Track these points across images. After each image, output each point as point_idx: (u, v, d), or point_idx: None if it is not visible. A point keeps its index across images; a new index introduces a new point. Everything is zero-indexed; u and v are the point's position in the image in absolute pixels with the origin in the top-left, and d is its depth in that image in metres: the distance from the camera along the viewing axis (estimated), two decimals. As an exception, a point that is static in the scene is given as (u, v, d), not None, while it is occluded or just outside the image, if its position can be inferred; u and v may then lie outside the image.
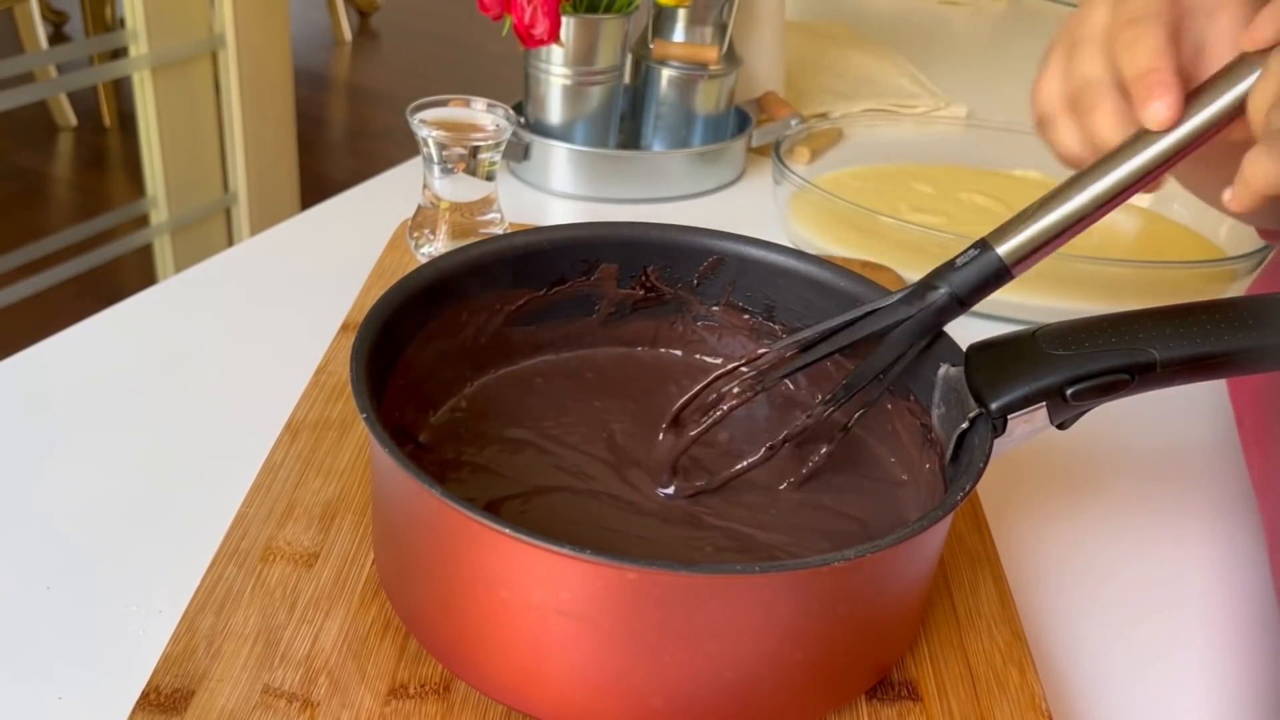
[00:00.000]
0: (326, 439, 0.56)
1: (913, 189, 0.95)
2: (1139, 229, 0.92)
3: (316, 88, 3.37)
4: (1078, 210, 0.45)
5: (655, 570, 0.38)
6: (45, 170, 2.68)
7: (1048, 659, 0.51)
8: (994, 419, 0.44)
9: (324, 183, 2.46)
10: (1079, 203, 0.45)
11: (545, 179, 0.93)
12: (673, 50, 0.92)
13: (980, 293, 0.47)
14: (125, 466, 0.57)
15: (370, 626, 0.46)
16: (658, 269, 0.57)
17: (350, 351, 0.45)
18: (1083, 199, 0.45)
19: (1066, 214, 0.46)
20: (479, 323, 0.54)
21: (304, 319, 0.69)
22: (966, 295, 0.47)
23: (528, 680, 0.41)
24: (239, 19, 1.78)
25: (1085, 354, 0.44)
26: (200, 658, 0.43)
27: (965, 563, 0.53)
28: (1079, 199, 0.45)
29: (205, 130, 1.87)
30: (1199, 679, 0.52)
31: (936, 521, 0.40)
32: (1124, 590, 0.56)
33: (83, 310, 0.70)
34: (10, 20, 2.61)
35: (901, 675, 0.46)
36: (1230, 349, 0.44)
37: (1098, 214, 0.46)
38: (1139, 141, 0.45)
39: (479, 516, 0.37)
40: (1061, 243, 0.46)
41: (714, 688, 0.40)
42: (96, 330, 0.68)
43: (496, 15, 0.85)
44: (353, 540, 0.50)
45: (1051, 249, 0.46)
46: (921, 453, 0.51)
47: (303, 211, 0.86)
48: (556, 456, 0.51)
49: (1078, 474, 0.64)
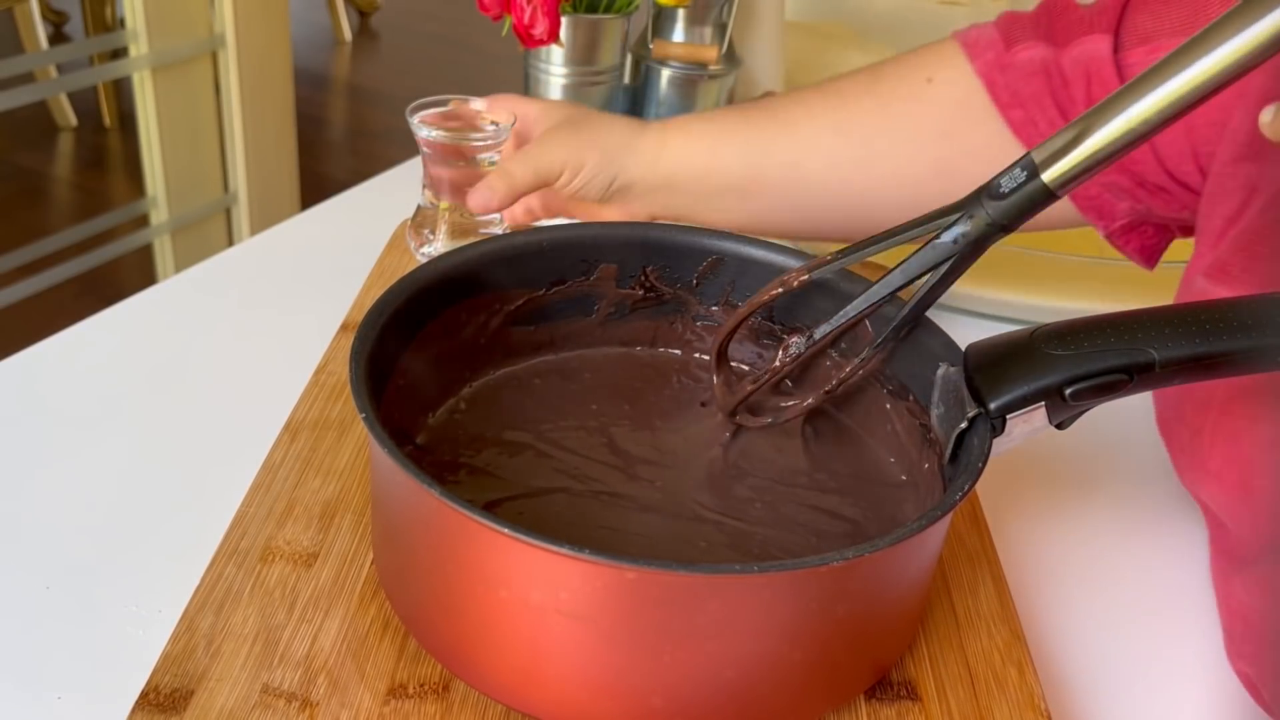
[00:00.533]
0: (326, 439, 0.56)
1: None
2: (1139, 229, 0.92)
3: (316, 88, 3.37)
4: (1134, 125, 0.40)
5: (655, 570, 0.38)
6: (45, 170, 2.68)
7: (1047, 659, 0.51)
8: (993, 419, 0.44)
9: (324, 183, 2.46)
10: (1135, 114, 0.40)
11: (545, 179, 0.92)
12: (673, 50, 0.92)
13: (1024, 218, 0.44)
14: (125, 466, 0.57)
15: (369, 626, 0.46)
16: (657, 269, 0.57)
17: (350, 351, 0.45)
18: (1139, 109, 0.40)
19: (1120, 129, 0.40)
20: (478, 323, 0.54)
21: (304, 319, 0.69)
22: (1010, 222, 0.44)
23: (527, 680, 0.41)
24: (239, 19, 1.78)
25: (1084, 354, 0.44)
26: (200, 657, 0.43)
27: (965, 562, 0.53)
28: (1138, 106, 0.40)
29: (205, 130, 1.87)
30: (1198, 679, 0.52)
31: (935, 521, 0.40)
32: (1124, 590, 0.56)
33: (83, 310, 0.70)
34: (10, 20, 2.61)
35: (900, 675, 0.46)
36: (1230, 349, 0.44)
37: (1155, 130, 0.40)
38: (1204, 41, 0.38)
39: (479, 516, 0.37)
40: (1115, 160, 0.41)
41: (713, 687, 0.40)
42: (96, 330, 0.68)
43: (496, 15, 0.85)
44: (352, 540, 0.50)
45: (1104, 168, 0.42)
46: (921, 453, 0.51)
47: (303, 211, 0.86)
48: (554, 459, 0.51)
49: (1078, 474, 0.64)
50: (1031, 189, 0.43)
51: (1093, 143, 0.41)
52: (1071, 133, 0.42)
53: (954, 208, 0.45)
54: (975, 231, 0.45)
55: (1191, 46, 0.39)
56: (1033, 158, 0.43)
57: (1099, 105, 0.41)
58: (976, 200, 0.45)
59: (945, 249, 0.46)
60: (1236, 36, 0.37)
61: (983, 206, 0.44)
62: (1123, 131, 0.40)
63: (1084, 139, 0.41)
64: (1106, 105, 0.41)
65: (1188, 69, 0.39)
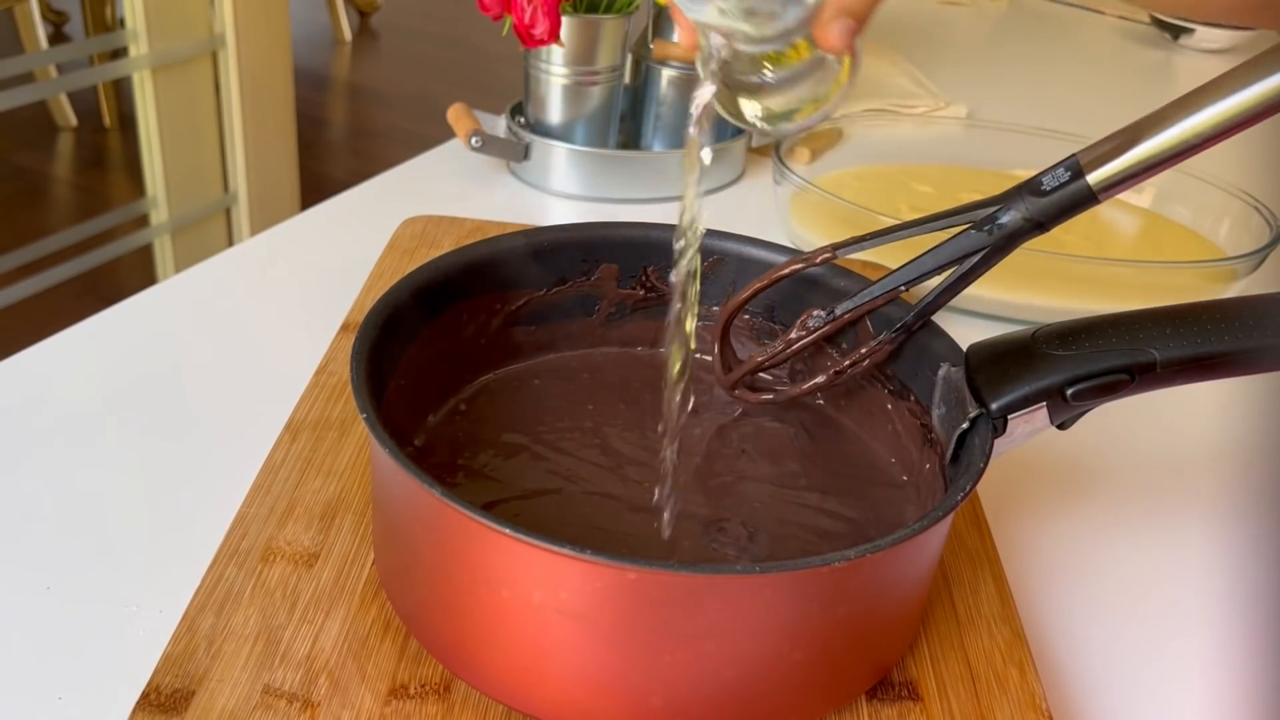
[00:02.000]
0: (326, 439, 0.56)
1: (913, 189, 0.95)
2: (1139, 229, 0.92)
3: (316, 88, 3.37)
4: (1186, 137, 0.41)
5: (655, 570, 0.38)
6: (45, 170, 2.68)
7: (1048, 659, 0.51)
8: (994, 419, 0.44)
9: (324, 183, 2.46)
10: (1189, 127, 0.41)
11: (545, 179, 0.93)
12: (673, 50, 0.92)
13: (1063, 218, 0.45)
14: (125, 466, 0.57)
15: (370, 626, 0.46)
16: (658, 269, 0.57)
17: (350, 351, 0.45)
18: (1193, 123, 0.40)
19: (1172, 140, 0.41)
20: (479, 323, 0.54)
21: (304, 319, 0.69)
22: (1048, 220, 0.45)
23: (528, 680, 0.41)
24: (239, 19, 1.78)
25: (1085, 354, 0.44)
26: (200, 658, 0.43)
27: (965, 562, 0.53)
28: (1188, 123, 0.41)
29: (205, 130, 1.87)
30: (1199, 679, 0.52)
31: (937, 521, 0.40)
32: (1124, 590, 0.56)
33: (83, 310, 0.70)
34: (10, 20, 2.61)
35: (901, 675, 0.46)
36: (1230, 349, 0.44)
37: (1207, 144, 0.41)
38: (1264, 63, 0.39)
39: (479, 516, 0.37)
40: (1161, 170, 0.42)
41: (714, 688, 0.40)
42: (96, 330, 0.68)
43: (496, 15, 0.85)
44: (353, 540, 0.50)
45: (1148, 177, 0.43)
46: (921, 453, 0.51)
47: (303, 211, 0.86)
48: (551, 461, 0.51)
49: (1078, 474, 0.64)
50: (1075, 189, 0.43)
51: (1142, 150, 0.42)
52: (1121, 138, 0.42)
53: (994, 200, 0.46)
54: (1012, 225, 0.45)
55: (1253, 66, 0.39)
56: (1078, 159, 0.43)
57: (1154, 113, 0.42)
58: (1018, 195, 0.45)
59: (980, 239, 0.46)
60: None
61: (1024, 201, 0.45)
62: (1176, 143, 0.41)
63: (1133, 145, 0.42)
64: (1161, 115, 0.41)
65: (1247, 88, 0.39)
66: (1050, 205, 0.44)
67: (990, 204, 0.46)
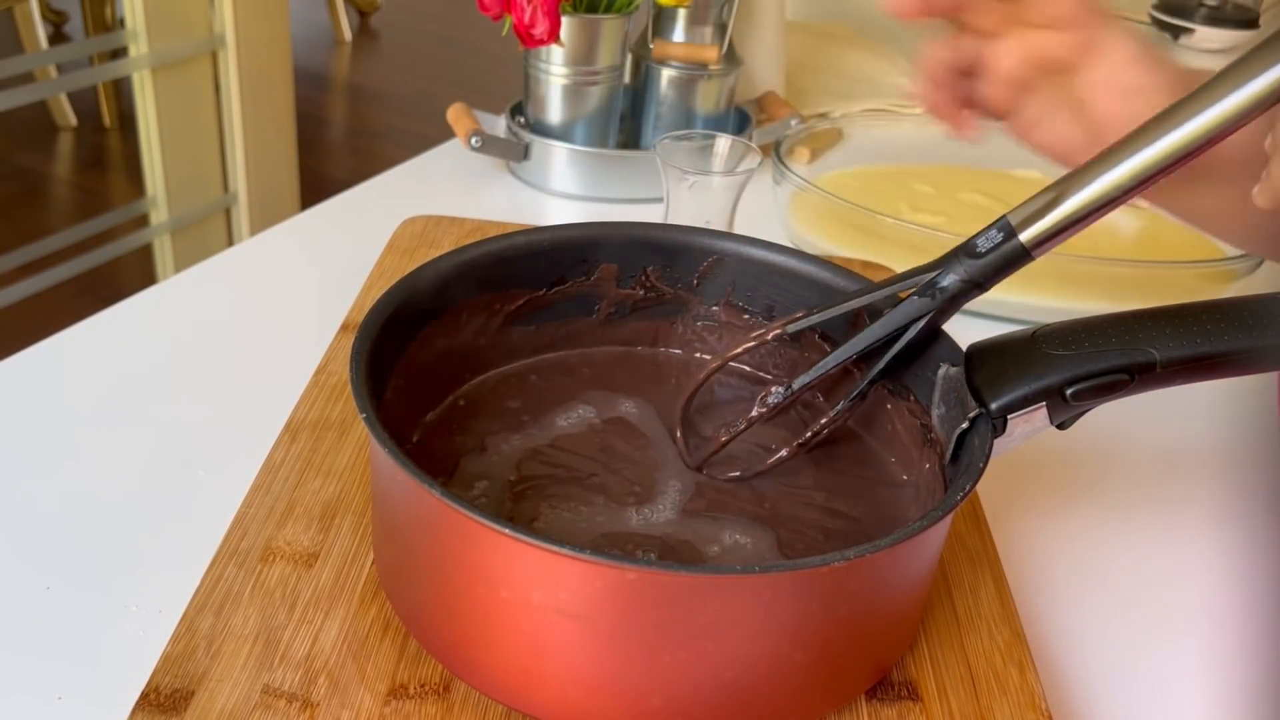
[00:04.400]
0: (326, 439, 0.56)
1: (913, 189, 0.95)
2: (1139, 229, 0.92)
3: (316, 88, 3.37)
4: (1107, 190, 0.43)
5: (655, 570, 0.38)
6: (45, 170, 2.68)
7: (1048, 659, 0.51)
8: (994, 419, 0.44)
9: (324, 183, 2.45)
10: (1109, 181, 0.43)
11: (545, 179, 0.93)
12: (673, 50, 0.92)
13: (1000, 276, 0.46)
14: (125, 466, 0.57)
15: (370, 627, 0.46)
16: (658, 269, 0.57)
17: (350, 351, 0.45)
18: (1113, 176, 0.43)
19: (1095, 194, 0.43)
20: (479, 323, 0.54)
21: (304, 319, 0.69)
22: (986, 280, 0.46)
23: (528, 680, 0.41)
24: (239, 19, 1.78)
25: (1085, 354, 0.44)
26: (200, 658, 0.43)
27: (965, 563, 0.53)
28: (1109, 177, 0.43)
29: (205, 130, 1.87)
30: (1199, 679, 0.52)
31: (936, 521, 0.40)
32: (1124, 590, 0.56)
33: (83, 310, 0.70)
34: (10, 20, 2.61)
35: (901, 675, 0.46)
36: (1230, 349, 0.44)
37: (1128, 195, 0.43)
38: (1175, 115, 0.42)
39: (479, 516, 0.37)
40: (1090, 223, 0.44)
41: (713, 688, 0.40)
42: (96, 330, 0.68)
43: (496, 15, 0.85)
44: (352, 540, 0.50)
45: (1078, 230, 0.44)
46: (921, 453, 0.51)
47: (303, 211, 0.86)
48: (551, 461, 0.51)
49: (1078, 474, 0.64)
50: (1009, 249, 0.45)
51: (1068, 207, 0.44)
52: (1048, 196, 0.44)
53: (932, 265, 0.47)
54: (952, 288, 0.47)
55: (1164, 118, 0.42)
56: (1009, 219, 0.45)
57: (1077, 170, 0.44)
58: (955, 258, 0.47)
59: (923, 304, 0.47)
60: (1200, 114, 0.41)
61: (961, 263, 0.46)
62: (1096, 197, 0.43)
63: (1060, 203, 0.44)
64: (1083, 171, 0.43)
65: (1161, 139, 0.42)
66: (987, 266, 0.46)
67: (930, 269, 0.47)
